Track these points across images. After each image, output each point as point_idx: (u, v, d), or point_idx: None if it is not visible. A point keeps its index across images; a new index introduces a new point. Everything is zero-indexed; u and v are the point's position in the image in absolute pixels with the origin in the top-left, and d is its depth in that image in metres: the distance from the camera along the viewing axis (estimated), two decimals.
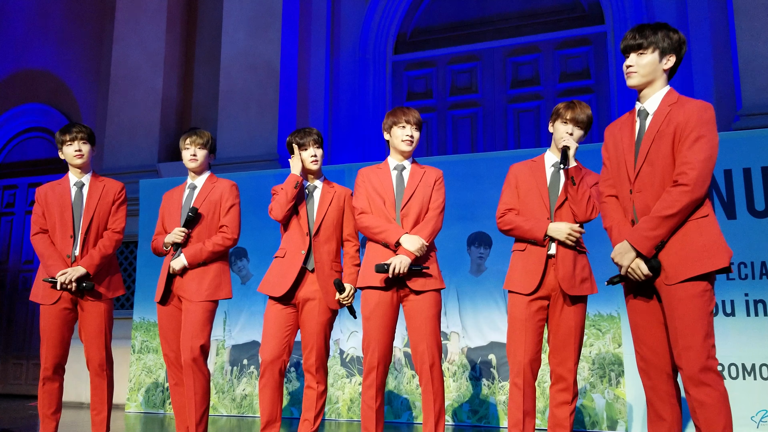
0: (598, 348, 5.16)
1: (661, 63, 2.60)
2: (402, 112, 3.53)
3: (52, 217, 3.85)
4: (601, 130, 6.89)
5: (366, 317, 3.40)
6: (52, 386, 3.80)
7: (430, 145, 7.48)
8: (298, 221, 3.64)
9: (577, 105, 3.25)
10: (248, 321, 6.17)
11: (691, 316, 2.44)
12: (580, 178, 3.12)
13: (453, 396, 5.46)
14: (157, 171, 7.62)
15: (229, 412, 6.08)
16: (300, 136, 3.71)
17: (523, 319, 3.16)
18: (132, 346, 6.54)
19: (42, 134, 9.18)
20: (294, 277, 3.55)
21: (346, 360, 5.85)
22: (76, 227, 3.84)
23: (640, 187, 2.58)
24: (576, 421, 5.09)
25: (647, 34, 2.59)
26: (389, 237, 3.35)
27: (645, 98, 2.65)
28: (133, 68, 8.13)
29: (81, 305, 3.80)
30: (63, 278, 3.69)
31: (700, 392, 2.41)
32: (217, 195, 3.85)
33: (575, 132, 3.22)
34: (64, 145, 3.92)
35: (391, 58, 7.78)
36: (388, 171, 3.56)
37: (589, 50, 7.10)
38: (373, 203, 3.49)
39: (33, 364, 8.56)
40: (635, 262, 2.54)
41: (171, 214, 3.87)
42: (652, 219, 2.50)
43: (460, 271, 5.52)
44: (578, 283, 3.15)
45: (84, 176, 3.96)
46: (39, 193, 3.94)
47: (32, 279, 8.84)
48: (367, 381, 3.37)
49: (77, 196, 3.90)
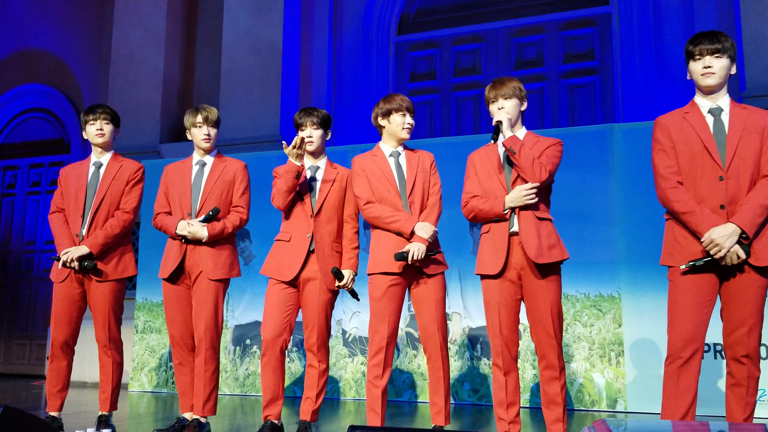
0: (598, 328, 5.18)
1: (730, 69, 2.90)
2: (401, 99, 3.52)
3: (69, 197, 3.90)
4: (605, 110, 6.87)
5: (377, 299, 3.43)
6: (60, 364, 3.82)
7: (433, 126, 7.47)
8: (302, 205, 3.64)
9: (497, 81, 3.27)
10: (251, 301, 6.20)
11: (762, 302, 2.80)
12: (519, 146, 3.09)
13: (454, 375, 5.50)
14: (159, 152, 7.62)
15: (232, 391, 6.13)
16: (301, 116, 3.70)
17: (496, 302, 3.16)
18: (135, 326, 6.57)
19: (43, 115, 9.17)
20: (302, 262, 3.56)
21: (349, 340, 5.88)
22: (87, 206, 3.86)
23: (731, 175, 2.81)
24: (576, 400, 5.13)
25: (722, 40, 2.86)
26: (404, 226, 3.38)
27: (717, 98, 2.92)
28: (134, 48, 8.10)
29: (89, 285, 3.82)
30: (65, 257, 3.71)
31: (752, 370, 2.82)
32: (230, 175, 3.84)
33: (505, 104, 3.21)
34: (87, 125, 3.97)
35: (395, 38, 7.75)
36: (384, 158, 3.54)
37: (593, 31, 7.07)
38: (377, 192, 3.48)
39: (36, 344, 8.62)
40: (735, 247, 2.74)
41: (180, 191, 3.81)
42: (756, 207, 2.76)
43: (463, 252, 5.53)
44: (546, 251, 3.09)
45: (104, 156, 3.99)
46: (61, 173, 4.03)
47: (35, 260, 8.88)
48: (375, 360, 3.41)
49: (94, 175, 3.93)
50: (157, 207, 3.87)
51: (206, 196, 3.77)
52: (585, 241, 5.30)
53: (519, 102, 3.24)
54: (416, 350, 5.64)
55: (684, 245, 2.88)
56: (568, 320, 5.26)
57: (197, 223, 3.67)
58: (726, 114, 2.90)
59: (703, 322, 2.84)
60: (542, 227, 3.13)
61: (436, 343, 3.40)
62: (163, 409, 5.08)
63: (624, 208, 5.27)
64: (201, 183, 3.81)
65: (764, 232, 2.78)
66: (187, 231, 3.66)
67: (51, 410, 3.80)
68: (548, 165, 3.11)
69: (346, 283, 3.61)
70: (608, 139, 5.41)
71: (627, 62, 6.74)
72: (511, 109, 3.20)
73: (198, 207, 3.76)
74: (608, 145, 5.40)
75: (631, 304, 5.14)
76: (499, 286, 3.17)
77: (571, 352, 5.22)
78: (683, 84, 6.42)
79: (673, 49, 6.55)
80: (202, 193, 3.78)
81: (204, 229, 3.67)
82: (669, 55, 6.57)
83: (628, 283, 5.17)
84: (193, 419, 3.67)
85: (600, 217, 5.33)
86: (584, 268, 5.25)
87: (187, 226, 3.66)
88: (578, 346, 5.21)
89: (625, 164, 5.33)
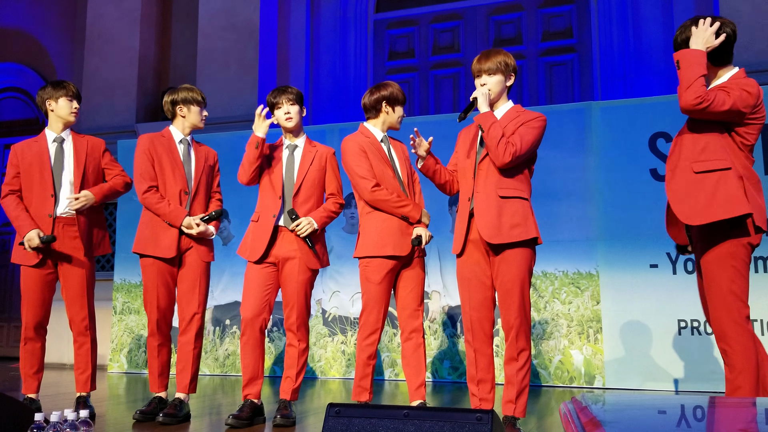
0: (576, 305, 5.23)
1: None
2: (403, 94, 3.65)
3: (31, 176, 3.79)
4: (583, 88, 6.88)
5: (377, 282, 3.43)
6: (34, 346, 3.79)
7: (412, 105, 7.44)
8: (271, 183, 3.65)
9: (483, 54, 3.20)
10: (230, 282, 6.18)
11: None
12: (490, 124, 3.03)
13: (434, 353, 5.54)
14: (135, 131, 7.52)
15: (212, 371, 6.12)
16: (274, 95, 3.70)
17: (466, 278, 3.17)
18: (113, 307, 6.53)
19: (17, 95, 9.00)
20: (266, 242, 3.57)
21: (329, 319, 5.89)
22: (57, 185, 3.79)
23: None
24: (554, 377, 5.19)
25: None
26: (413, 213, 3.47)
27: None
28: (108, 26, 7.97)
29: (62, 266, 3.79)
30: (29, 243, 3.68)
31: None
32: (212, 160, 3.95)
33: (488, 80, 3.16)
34: (61, 98, 3.87)
35: (373, 16, 7.69)
36: (378, 142, 3.58)
37: (572, 9, 7.06)
38: (379, 175, 3.50)
39: (14, 326, 8.53)
40: None
41: (172, 167, 3.76)
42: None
43: (442, 230, 5.55)
44: (506, 230, 3.02)
45: (64, 132, 3.92)
46: (14, 151, 3.85)
47: (10, 242, 8.77)
48: (369, 340, 3.45)
49: (58, 152, 3.85)
50: (147, 179, 3.74)
51: (200, 175, 3.83)
52: (563, 219, 5.33)
53: (504, 77, 3.17)
54: (396, 329, 5.67)
55: None
56: (547, 298, 5.31)
57: (202, 223, 3.75)
58: None
59: None
60: (507, 206, 3.05)
61: (415, 323, 3.49)
62: (143, 390, 5.07)
63: (602, 186, 5.30)
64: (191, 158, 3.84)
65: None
66: (195, 232, 3.71)
67: (28, 392, 3.78)
68: (515, 146, 3.01)
69: (300, 227, 3.55)
70: (586, 116, 5.43)
71: (605, 40, 6.75)
72: (494, 86, 3.15)
73: (194, 186, 3.79)
74: (586, 122, 5.42)
75: (609, 281, 5.19)
76: (466, 262, 3.17)
77: (549, 330, 5.27)
78: (660, 62, 6.44)
79: (651, 27, 6.56)
80: (194, 172, 3.82)
81: (209, 227, 3.79)
82: (646, 32, 6.58)
83: (605, 261, 5.22)
84: (175, 398, 3.67)
85: (578, 194, 5.36)
86: (562, 246, 5.29)
87: (195, 226, 3.71)
88: (557, 324, 5.26)
89: (602, 142, 5.35)
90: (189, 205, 3.76)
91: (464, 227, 3.14)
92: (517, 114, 3.17)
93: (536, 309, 5.30)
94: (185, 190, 3.75)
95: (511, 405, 3.06)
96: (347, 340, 5.80)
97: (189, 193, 3.76)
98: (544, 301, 5.32)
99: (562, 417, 1.50)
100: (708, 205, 2.74)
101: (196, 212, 3.78)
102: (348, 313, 5.83)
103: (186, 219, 3.70)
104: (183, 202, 3.74)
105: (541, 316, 5.30)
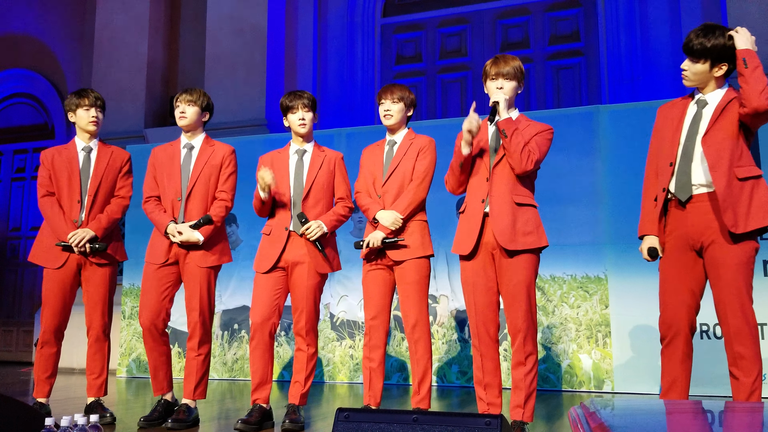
0: (585, 309, 5.22)
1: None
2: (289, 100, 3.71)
3: (60, 181, 3.86)
4: (591, 91, 6.87)
5: (363, 282, 3.63)
6: (50, 351, 3.80)
7: (419, 109, 7.45)
8: (281, 197, 3.66)
9: (501, 58, 3.21)
10: (239, 286, 6.19)
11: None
12: (513, 130, 3.05)
13: (442, 357, 5.53)
14: (143, 137, 7.56)
15: (220, 376, 6.13)
16: (290, 98, 3.70)
17: (471, 282, 3.16)
18: (122, 312, 6.55)
19: (26, 100, 9.06)
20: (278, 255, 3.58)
21: (337, 324, 5.89)
22: (84, 192, 3.85)
23: None
24: (563, 381, 5.17)
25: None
26: (369, 215, 3.59)
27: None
28: (117, 32, 8.01)
29: (86, 270, 3.81)
30: (74, 239, 3.71)
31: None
32: (218, 160, 3.80)
33: (505, 85, 3.17)
34: (79, 109, 3.91)
35: (380, 21, 7.71)
36: (382, 147, 3.67)
37: (578, 12, 7.05)
38: (365, 182, 3.67)
39: (23, 330, 8.58)
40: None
41: (170, 175, 3.77)
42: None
43: (450, 234, 5.50)
44: (520, 237, 3.04)
45: (92, 142, 3.97)
46: (45, 156, 3.93)
47: (20, 246, 8.81)
48: (373, 342, 3.53)
49: (85, 161, 3.91)
50: (147, 190, 3.82)
51: (194, 180, 3.74)
52: (571, 223, 5.32)
53: (518, 85, 3.21)
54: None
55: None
56: (555, 302, 5.29)
57: (187, 228, 3.65)
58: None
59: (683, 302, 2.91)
60: (520, 213, 3.07)
61: (408, 326, 3.52)
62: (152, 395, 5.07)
63: (610, 189, 5.29)
64: (189, 167, 3.78)
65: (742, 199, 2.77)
66: (179, 240, 3.64)
67: (39, 396, 3.79)
68: (536, 154, 3.06)
69: (309, 230, 3.56)
70: (594, 120, 5.42)
71: (612, 43, 6.74)
72: (510, 91, 3.17)
73: (187, 191, 3.73)
74: (594, 126, 5.41)
75: (617, 285, 5.17)
76: (473, 266, 3.16)
77: (558, 334, 5.26)
78: (668, 64, 6.43)
79: (658, 29, 6.55)
80: (190, 177, 3.75)
81: (195, 233, 3.65)
82: (654, 35, 6.57)
83: (614, 265, 5.20)
84: (182, 404, 3.67)
85: (586, 198, 5.35)
86: (570, 250, 5.28)
87: (178, 234, 3.63)
88: (565, 328, 5.25)
89: (611, 145, 5.34)
90: (182, 212, 3.72)
91: (477, 229, 3.13)
92: (528, 123, 3.19)
93: (545, 313, 5.29)
94: (178, 197, 3.74)
95: (519, 410, 3.05)
96: (355, 345, 5.80)
97: (181, 199, 3.73)
98: (552, 305, 5.31)
99: (570, 422, 1.50)
100: (747, 212, 2.77)
101: (192, 217, 3.71)
102: (356, 317, 5.83)
103: (169, 226, 3.67)
104: (175, 209, 3.73)
105: (550, 321, 5.29)
